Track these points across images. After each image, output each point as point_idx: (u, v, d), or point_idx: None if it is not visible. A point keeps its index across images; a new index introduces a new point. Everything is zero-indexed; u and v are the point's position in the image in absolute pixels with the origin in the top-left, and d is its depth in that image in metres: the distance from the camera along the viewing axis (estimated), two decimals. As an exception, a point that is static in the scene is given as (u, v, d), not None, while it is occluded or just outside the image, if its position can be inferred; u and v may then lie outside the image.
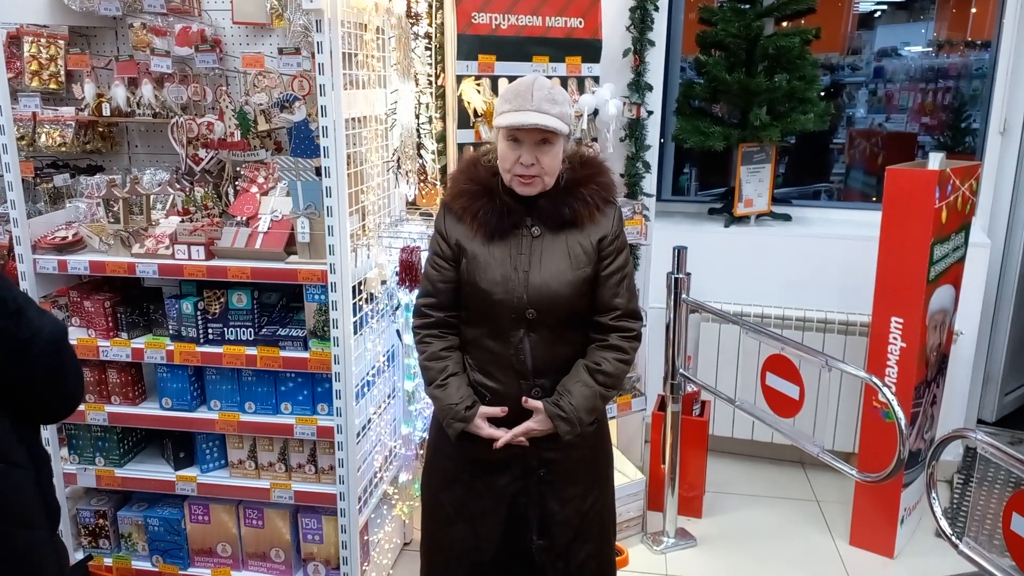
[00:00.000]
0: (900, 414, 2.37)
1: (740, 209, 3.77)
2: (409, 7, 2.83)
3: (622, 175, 3.29)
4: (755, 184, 3.78)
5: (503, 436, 1.98)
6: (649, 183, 3.41)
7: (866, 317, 3.28)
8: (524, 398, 1.99)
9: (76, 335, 2.64)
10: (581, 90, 3.05)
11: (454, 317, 2.07)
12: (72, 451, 2.75)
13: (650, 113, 3.33)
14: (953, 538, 2.08)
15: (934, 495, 2.19)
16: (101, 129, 2.95)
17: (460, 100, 2.82)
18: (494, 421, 2.02)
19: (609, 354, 2.00)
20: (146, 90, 2.74)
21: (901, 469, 2.54)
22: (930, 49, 4.52)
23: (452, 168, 2.84)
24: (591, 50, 3.07)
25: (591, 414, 2.00)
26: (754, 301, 3.66)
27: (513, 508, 2.07)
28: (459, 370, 2.05)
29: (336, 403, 2.48)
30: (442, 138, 2.95)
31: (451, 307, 2.06)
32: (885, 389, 2.44)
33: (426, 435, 2.67)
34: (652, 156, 3.38)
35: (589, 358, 2.01)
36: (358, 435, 2.56)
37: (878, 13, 4.78)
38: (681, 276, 3.05)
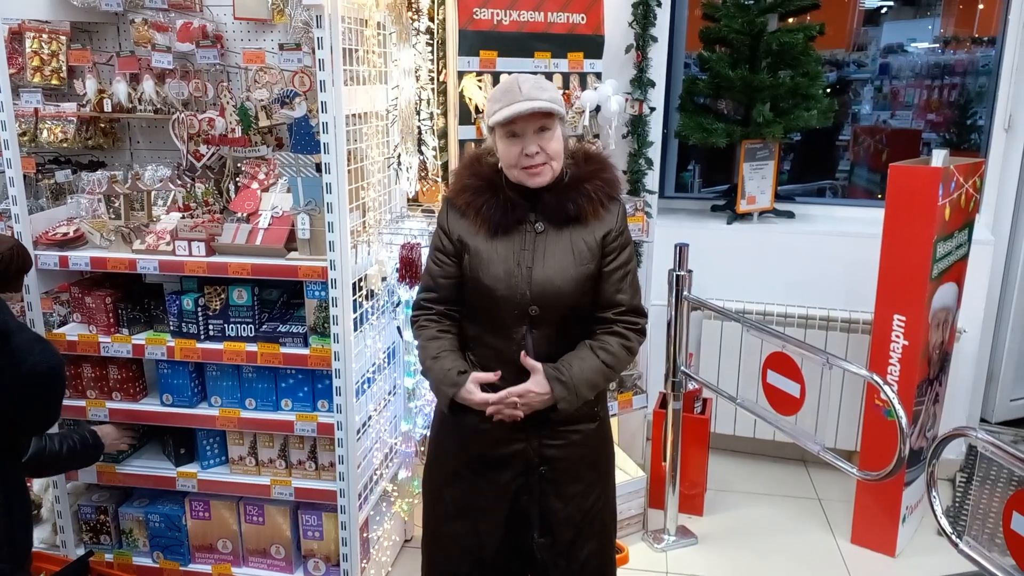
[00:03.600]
0: (901, 412, 2.36)
1: (743, 206, 3.76)
2: (410, 2, 2.82)
3: (624, 172, 3.28)
4: (758, 181, 3.76)
5: (494, 397, 1.94)
6: (651, 180, 3.40)
7: (868, 315, 3.27)
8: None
9: (77, 331, 2.64)
10: (583, 86, 3.04)
11: (455, 311, 2.07)
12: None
13: (653, 109, 3.32)
14: (954, 537, 2.07)
15: (935, 494, 2.18)
16: (103, 125, 2.95)
17: (462, 96, 2.82)
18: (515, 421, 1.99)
19: (613, 338, 1.99)
20: (147, 86, 2.74)
21: (902, 467, 2.53)
22: (936, 45, 4.50)
23: (453, 164, 2.83)
24: (593, 46, 3.06)
25: (591, 389, 1.98)
26: (756, 298, 3.64)
27: (515, 505, 2.06)
28: (455, 348, 2.03)
29: (336, 400, 2.48)
30: (443, 134, 2.95)
31: (451, 302, 2.05)
32: (886, 387, 2.43)
33: (426, 432, 2.67)
34: (655, 153, 3.37)
35: (593, 339, 2.00)
36: (358, 432, 2.56)
37: (884, 9, 4.75)
38: (683, 273, 3.04)
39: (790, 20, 3.80)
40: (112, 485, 2.80)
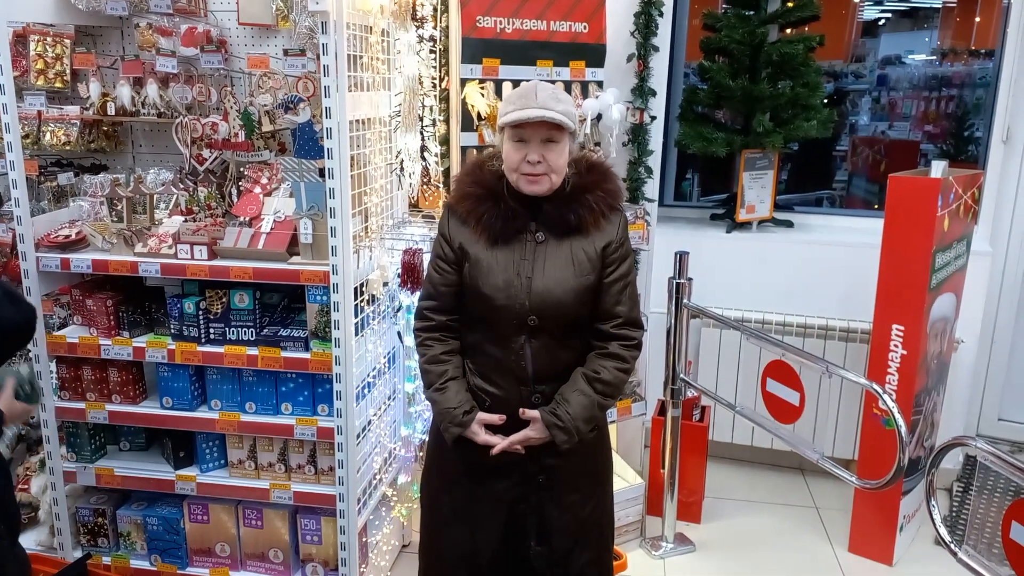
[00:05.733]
0: (900, 421, 2.37)
1: (742, 215, 3.77)
2: (414, 10, 2.83)
3: (624, 180, 3.29)
4: (757, 190, 3.78)
5: (499, 443, 1.98)
6: (651, 188, 3.42)
7: (867, 324, 3.29)
8: (521, 409, 1.98)
9: (78, 333, 2.65)
10: (585, 94, 3.06)
11: (455, 321, 2.07)
12: (70, 449, 2.75)
13: (653, 118, 3.34)
14: (952, 546, 2.08)
15: (933, 503, 2.19)
16: (106, 128, 2.95)
17: (464, 103, 2.83)
18: (493, 428, 2.00)
19: (609, 363, 1.99)
20: (151, 90, 2.75)
21: (901, 476, 2.54)
22: (934, 57, 4.53)
23: (455, 171, 2.84)
24: (595, 55, 3.08)
25: (589, 423, 1.99)
26: (755, 307, 3.66)
27: (512, 513, 2.06)
28: (459, 374, 2.04)
29: (336, 404, 2.48)
30: (445, 141, 2.96)
31: (453, 310, 2.06)
32: (886, 396, 2.43)
33: (426, 437, 2.67)
34: (655, 161, 3.38)
35: (588, 366, 2.00)
36: (358, 436, 2.57)
37: (882, 21, 4.78)
38: (683, 281, 3.05)
39: (790, 31, 3.82)
40: (110, 488, 2.79)
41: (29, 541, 2.88)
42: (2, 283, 1.53)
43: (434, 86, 2.92)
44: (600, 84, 3.10)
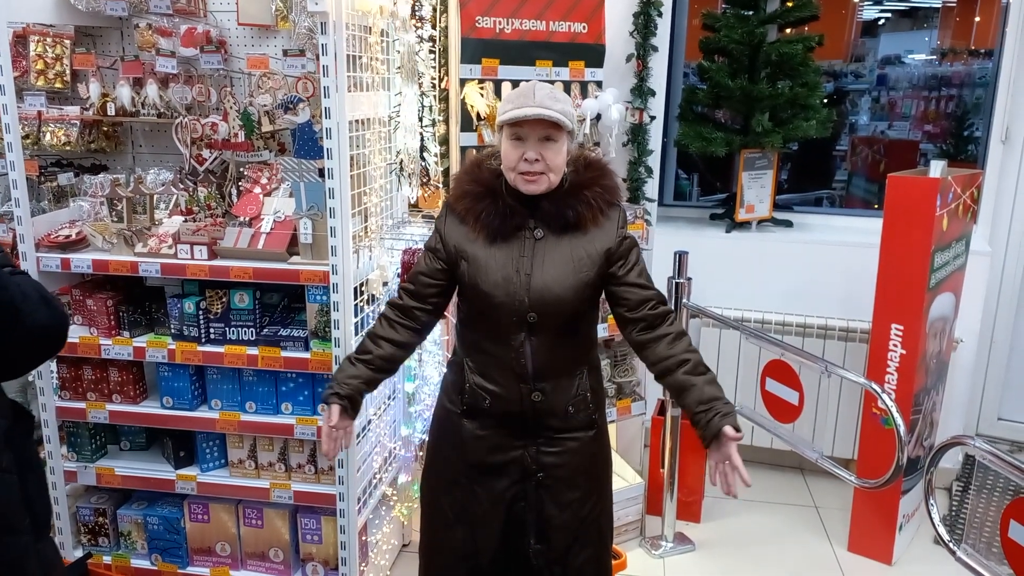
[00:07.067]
0: (899, 421, 2.38)
1: (741, 215, 3.78)
2: (413, 10, 2.84)
3: (624, 180, 3.30)
4: (757, 190, 3.79)
5: (330, 448, 2.04)
6: (651, 188, 3.42)
7: (866, 324, 3.29)
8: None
9: (78, 333, 2.65)
10: (584, 95, 3.06)
11: (423, 312, 2.07)
12: (71, 449, 2.76)
13: (653, 118, 3.34)
14: (951, 545, 2.09)
15: (932, 502, 2.20)
16: (105, 128, 2.96)
17: (463, 103, 2.83)
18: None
19: (677, 345, 1.96)
20: (151, 90, 2.75)
21: (900, 476, 2.54)
22: (933, 57, 4.54)
23: (455, 171, 2.85)
24: (594, 55, 3.08)
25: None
26: (755, 307, 3.66)
27: (511, 512, 2.07)
28: (380, 364, 2.06)
29: (337, 404, 2.48)
30: (445, 141, 2.96)
31: (423, 300, 2.06)
32: (885, 396, 2.44)
33: (426, 437, 2.68)
34: (654, 161, 3.39)
35: (674, 362, 1.95)
36: (358, 436, 2.57)
37: (882, 21, 4.79)
38: (682, 281, 3.06)
39: (789, 31, 3.83)
40: (111, 487, 2.80)
41: (30, 541, 2.88)
42: (38, 286, 1.52)
43: (433, 86, 2.93)
44: (599, 84, 3.11)
